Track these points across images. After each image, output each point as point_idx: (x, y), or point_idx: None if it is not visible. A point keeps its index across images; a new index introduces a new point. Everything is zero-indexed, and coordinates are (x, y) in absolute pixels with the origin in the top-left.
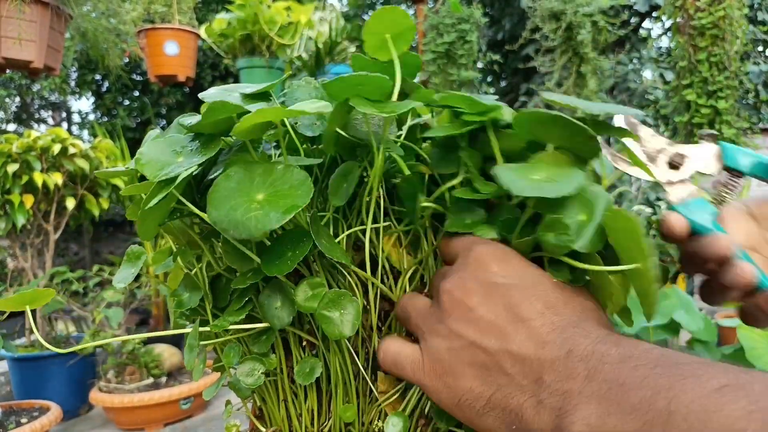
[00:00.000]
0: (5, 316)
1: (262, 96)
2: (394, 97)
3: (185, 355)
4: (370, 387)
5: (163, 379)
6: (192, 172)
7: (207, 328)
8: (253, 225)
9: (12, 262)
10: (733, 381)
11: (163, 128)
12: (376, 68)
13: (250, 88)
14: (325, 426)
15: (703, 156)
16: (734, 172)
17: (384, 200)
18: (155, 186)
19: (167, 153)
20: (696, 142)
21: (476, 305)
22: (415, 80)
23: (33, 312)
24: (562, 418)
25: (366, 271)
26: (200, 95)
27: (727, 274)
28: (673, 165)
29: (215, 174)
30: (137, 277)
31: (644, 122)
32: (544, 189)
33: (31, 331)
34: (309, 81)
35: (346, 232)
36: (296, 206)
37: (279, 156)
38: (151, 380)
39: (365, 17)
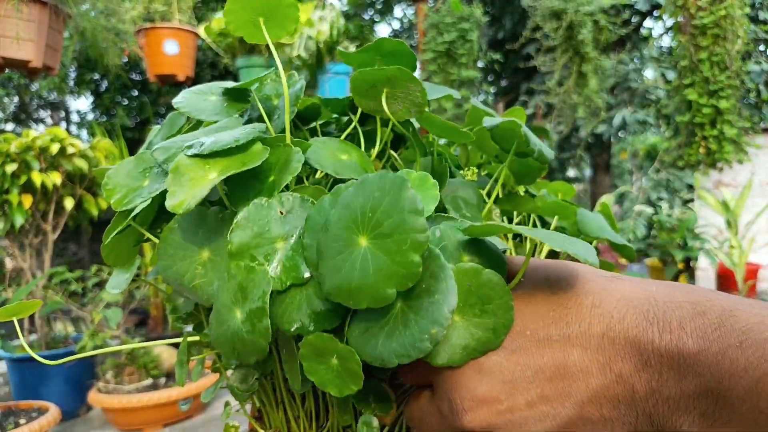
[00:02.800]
0: None
1: (241, 93)
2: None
3: (176, 371)
4: None
5: (162, 379)
6: (148, 203)
7: (197, 337)
8: (200, 293)
9: (10, 262)
10: None
11: None
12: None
13: (229, 85)
14: (324, 428)
15: None
16: None
17: None
18: (117, 217)
19: (135, 174)
20: None
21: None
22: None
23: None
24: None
25: None
26: (174, 102)
27: None
28: None
29: None
30: (136, 277)
31: (645, 122)
32: None
33: (30, 332)
34: (277, 74)
35: None
36: None
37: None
38: (150, 381)
39: (365, 16)
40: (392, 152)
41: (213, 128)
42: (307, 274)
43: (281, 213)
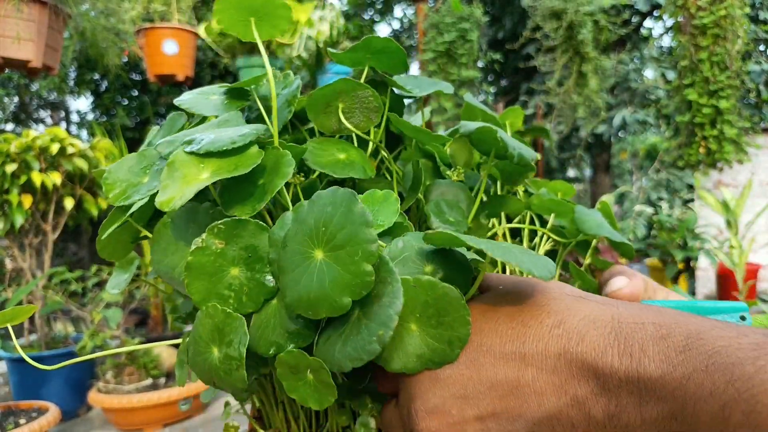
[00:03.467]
0: None
1: (240, 92)
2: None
3: (176, 371)
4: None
5: (162, 379)
6: (146, 201)
7: None
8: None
9: (10, 262)
10: None
11: None
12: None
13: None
14: (324, 428)
15: None
16: None
17: None
18: (114, 212)
19: (136, 171)
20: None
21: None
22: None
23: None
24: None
25: None
26: (176, 101)
27: None
28: None
29: None
30: (136, 277)
31: (645, 122)
32: None
33: (30, 332)
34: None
35: None
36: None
37: None
38: (150, 381)
39: (365, 16)
40: (384, 152)
41: (215, 122)
42: (272, 284)
43: (220, 245)
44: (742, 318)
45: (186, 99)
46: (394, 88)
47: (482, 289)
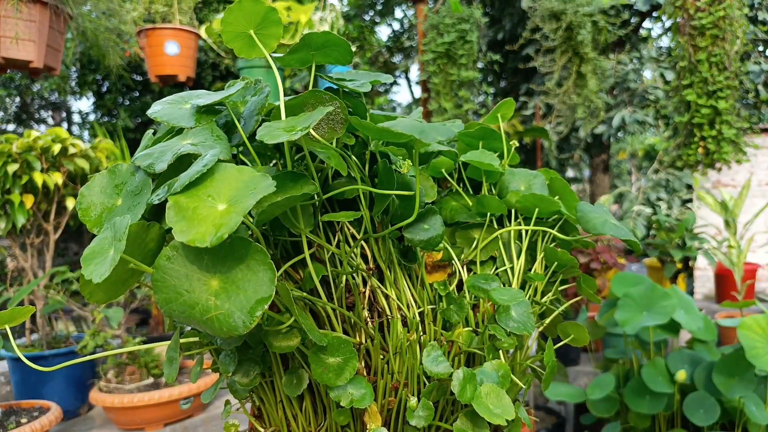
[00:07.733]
0: None
1: (213, 109)
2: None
3: (165, 368)
4: None
5: (163, 379)
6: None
7: (195, 339)
8: (218, 327)
9: (12, 262)
10: None
11: None
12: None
13: (204, 98)
14: (323, 427)
15: None
16: None
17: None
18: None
19: (108, 192)
20: None
21: None
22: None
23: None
24: None
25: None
26: (148, 112)
27: None
28: None
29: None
30: None
31: (644, 122)
32: None
33: (31, 332)
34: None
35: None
36: (263, 300)
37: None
38: (151, 380)
39: (366, 17)
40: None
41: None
42: None
43: None
44: None
45: (159, 110)
46: (344, 88)
47: None
